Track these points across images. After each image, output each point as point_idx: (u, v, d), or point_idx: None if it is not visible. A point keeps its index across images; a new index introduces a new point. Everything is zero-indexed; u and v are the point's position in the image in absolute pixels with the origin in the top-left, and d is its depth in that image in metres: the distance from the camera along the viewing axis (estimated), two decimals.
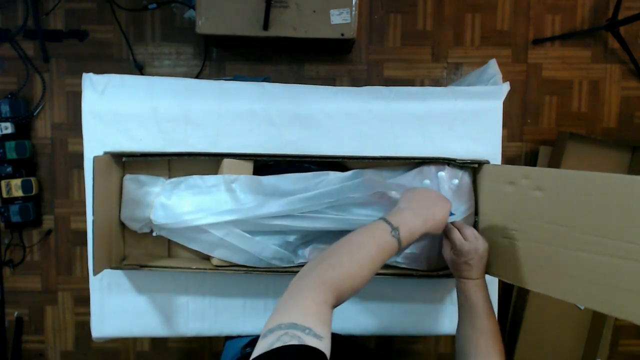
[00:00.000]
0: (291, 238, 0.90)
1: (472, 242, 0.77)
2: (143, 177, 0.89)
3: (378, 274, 0.90)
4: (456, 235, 0.79)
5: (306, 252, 0.90)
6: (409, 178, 0.89)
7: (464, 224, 0.83)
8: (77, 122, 1.04)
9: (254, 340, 0.93)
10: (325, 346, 0.46)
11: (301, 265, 0.88)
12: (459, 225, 0.82)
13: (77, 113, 1.09)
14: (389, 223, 0.66)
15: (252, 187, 0.87)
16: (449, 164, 0.89)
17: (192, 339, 1.00)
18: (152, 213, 0.86)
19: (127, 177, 0.89)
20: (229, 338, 1.03)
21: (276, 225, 0.86)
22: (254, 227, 0.87)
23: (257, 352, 0.45)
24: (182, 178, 0.89)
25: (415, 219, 0.69)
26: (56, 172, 1.83)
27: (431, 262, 0.90)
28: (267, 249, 0.86)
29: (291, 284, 0.55)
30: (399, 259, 0.91)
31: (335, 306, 0.55)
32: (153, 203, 0.87)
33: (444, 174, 0.87)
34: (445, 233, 0.82)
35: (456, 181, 0.87)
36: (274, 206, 0.84)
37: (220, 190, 0.86)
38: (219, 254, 0.87)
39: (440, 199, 0.77)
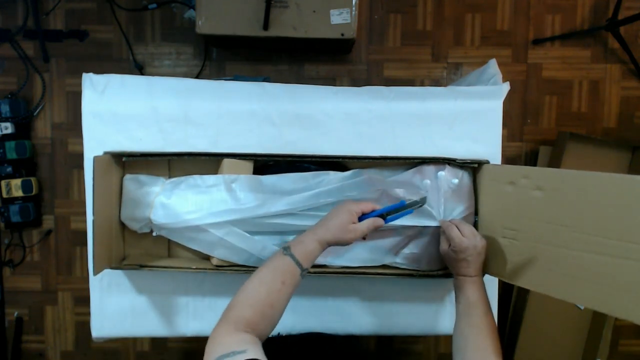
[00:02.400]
0: (291, 238, 0.90)
1: (471, 240, 0.77)
2: (143, 177, 0.89)
3: (378, 273, 0.90)
4: (454, 232, 0.79)
5: None
6: (408, 177, 0.89)
7: (462, 221, 0.83)
8: (77, 122, 1.04)
9: None
10: (251, 354, 0.53)
11: None
12: (457, 222, 0.82)
13: (77, 113, 1.09)
14: (282, 247, 0.70)
15: (252, 186, 0.87)
16: (449, 164, 0.89)
17: (192, 339, 1.00)
18: (152, 213, 0.86)
19: (127, 177, 0.89)
20: None
21: (276, 224, 0.86)
22: (254, 227, 0.87)
23: None
24: (182, 178, 0.89)
25: (307, 233, 0.72)
26: (56, 172, 1.83)
27: (432, 262, 0.90)
28: (266, 248, 0.86)
29: (210, 334, 0.60)
30: (398, 259, 0.91)
31: (257, 333, 0.60)
32: (153, 203, 0.87)
33: (443, 173, 0.87)
34: (443, 230, 0.82)
35: (456, 181, 0.87)
36: (274, 206, 0.84)
37: (220, 190, 0.86)
38: (218, 254, 0.88)
39: (339, 208, 0.75)
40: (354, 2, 1.45)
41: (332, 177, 0.87)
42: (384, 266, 0.92)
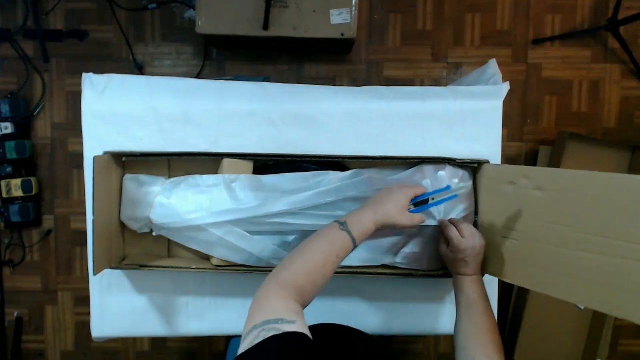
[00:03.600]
0: (291, 238, 0.90)
1: (469, 240, 0.77)
2: (143, 177, 0.89)
3: (378, 274, 0.90)
4: (453, 232, 0.79)
5: None
6: (409, 176, 0.89)
7: (462, 221, 0.83)
8: (77, 122, 1.04)
9: None
10: (299, 327, 0.51)
11: None
12: (456, 222, 0.82)
13: (77, 113, 1.09)
14: (338, 222, 0.70)
15: (252, 186, 0.87)
16: (449, 164, 0.89)
17: (192, 339, 1.00)
18: (152, 212, 0.86)
19: (128, 176, 0.89)
20: (232, 337, 1.03)
21: (276, 224, 0.86)
22: (254, 226, 0.87)
23: (241, 351, 0.48)
24: (182, 178, 0.89)
25: (364, 211, 0.73)
26: (56, 172, 1.83)
27: (432, 262, 0.90)
28: (266, 248, 0.86)
29: (256, 293, 0.59)
30: (398, 259, 0.91)
31: (302, 302, 0.59)
32: (153, 203, 0.87)
33: (444, 173, 0.87)
34: (442, 229, 0.82)
35: (456, 181, 0.87)
36: (275, 206, 0.84)
37: (220, 190, 0.86)
38: (218, 254, 0.87)
39: (395, 191, 0.77)
40: (354, 2, 1.45)
41: (332, 177, 0.87)
42: (384, 266, 0.92)
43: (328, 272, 0.64)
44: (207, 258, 0.93)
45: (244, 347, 0.48)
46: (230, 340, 1.04)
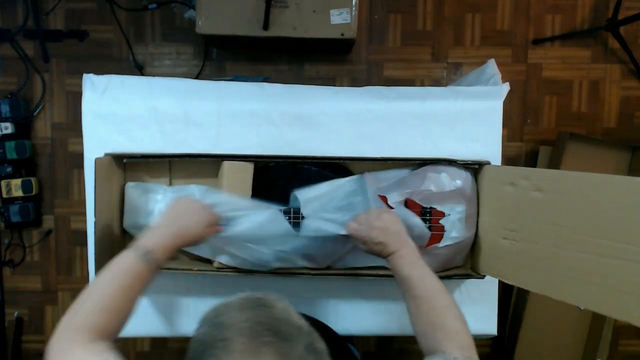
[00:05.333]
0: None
1: (364, 225, 0.75)
2: (145, 185, 0.89)
3: (378, 275, 0.90)
4: (351, 227, 0.77)
5: None
6: (410, 176, 0.89)
7: (360, 214, 0.80)
8: (77, 122, 1.04)
9: None
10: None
11: (305, 268, 0.88)
12: (355, 218, 0.79)
13: (77, 113, 1.08)
14: (131, 248, 0.65)
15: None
16: (450, 164, 0.89)
17: None
18: (153, 220, 0.86)
19: (130, 184, 0.89)
20: None
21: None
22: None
23: None
24: (183, 186, 0.90)
25: (166, 238, 0.68)
26: (56, 172, 1.82)
27: (432, 263, 0.90)
28: (267, 254, 0.86)
29: (48, 352, 0.56)
30: None
31: (108, 336, 0.57)
32: (155, 210, 0.87)
33: (446, 174, 0.87)
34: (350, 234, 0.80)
35: (459, 182, 0.87)
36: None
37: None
38: (220, 260, 0.88)
39: (197, 211, 0.74)
40: (353, 2, 1.45)
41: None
42: (384, 267, 0.92)
43: (128, 299, 0.61)
44: (208, 260, 0.93)
45: None
46: None
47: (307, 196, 0.86)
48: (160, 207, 0.87)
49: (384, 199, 0.87)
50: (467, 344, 0.62)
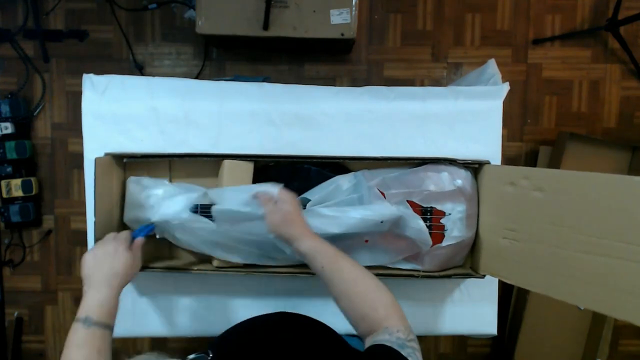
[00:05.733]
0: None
1: (269, 217, 0.75)
2: (146, 180, 0.89)
3: (378, 274, 0.90)
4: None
5: None
6: (411, 176, 0.89)
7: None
8: (77, 122, 1.04)
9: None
10: None
11: (305, 268, 0.88)
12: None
13: (77, 113, 1.09)
14: (79, 320, 0.66)
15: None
16: (450, 164, 0.89)
17: (193, 339, 1.00)
18: (154, 215, 0.86)
19: (131, 179, 0.89)
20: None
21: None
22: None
23: None
24: (184, 183, 0.90)
25: (101, 295, 0.69)
26: (56, 172, 1.83)
27: (432, 263, 0.90)
28: (267, 242, 0.85)
29: None
30: (398, 260, 0.91)
31: None
32: (155, 205, 0.87)
33: (446, 173, 0.87)
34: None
35: (459, 181, 0.87)
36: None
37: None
38: (219, 255, 0.87)
39: (110, 249, 0.74)
40: (353, 2, 1.45)
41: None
42: (384, 266, 0.92)
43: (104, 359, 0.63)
44: (208, 259, 0.93)
45: None
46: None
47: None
48: (160, 202, 0.87)
49: (382, 194, 0.87)
50: (401, 313, 0.65)
